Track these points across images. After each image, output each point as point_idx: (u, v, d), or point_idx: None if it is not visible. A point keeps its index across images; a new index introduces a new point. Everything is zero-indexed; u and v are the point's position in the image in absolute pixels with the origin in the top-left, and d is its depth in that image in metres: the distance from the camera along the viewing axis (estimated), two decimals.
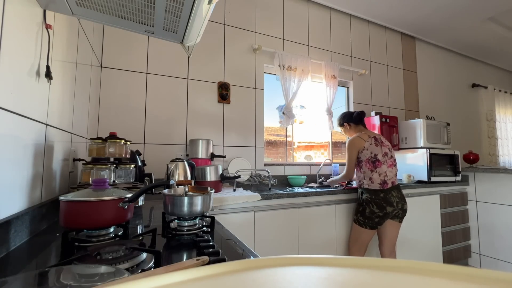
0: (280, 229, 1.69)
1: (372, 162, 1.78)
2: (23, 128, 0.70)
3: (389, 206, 1.72)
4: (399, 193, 1.78)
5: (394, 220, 1.79)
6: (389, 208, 1.72)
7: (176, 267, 0.41)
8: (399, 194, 1.77)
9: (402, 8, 2.82)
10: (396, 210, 1.75)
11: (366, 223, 1.74)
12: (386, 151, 1.82)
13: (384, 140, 1.89)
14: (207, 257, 0.49)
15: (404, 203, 1.78)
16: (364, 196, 1.79)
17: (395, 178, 1.81)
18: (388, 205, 1.72)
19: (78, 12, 0.84)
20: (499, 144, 4.03)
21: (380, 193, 1.73)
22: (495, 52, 3.93)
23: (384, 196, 1.73)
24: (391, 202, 1.73)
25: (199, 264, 0.47)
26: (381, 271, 0.18)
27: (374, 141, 1.82)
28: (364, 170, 1.80)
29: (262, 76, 2.38)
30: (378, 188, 1.74)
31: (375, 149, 1.80)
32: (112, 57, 1.83)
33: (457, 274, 0.16)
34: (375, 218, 1.72)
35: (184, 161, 1.52)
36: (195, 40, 1.01)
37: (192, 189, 0.86)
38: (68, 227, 0.65)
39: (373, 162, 1.78)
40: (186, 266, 0.42)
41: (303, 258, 0.20)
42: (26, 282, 0.41)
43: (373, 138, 1.84)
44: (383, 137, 1.92)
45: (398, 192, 1.78)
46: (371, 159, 1.79)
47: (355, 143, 1.85)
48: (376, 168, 1.77)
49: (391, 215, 1.75)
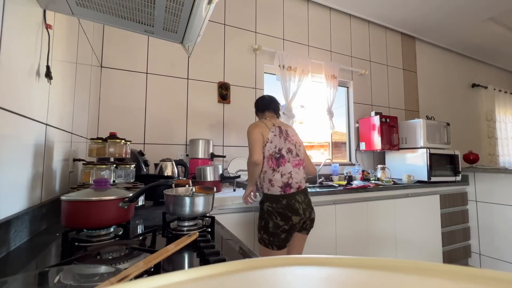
0: None
1: (275, 159, 1.39)
2: (23, 128, 0.70)
3: (295, 215, 1.33)
4: (306, 198, 1.42)
5: (302, 233, 1.43)
6: (295, 218, 1.33)
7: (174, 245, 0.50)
8: (306, 200, 1.41)
9: (402, 8, 2.82)
10: (304, 220, 1.38)
11: (272, 241, 1.33)
12: (290, 147, 1.45)
13: (293, 133, 1.52)
14: (197, 232, 0.59)
15: (311, 210, 1.42)
16: (264, 206, 1.39)
17: (303, 181, 1.44)
18: (293, 214, 1.33)
19: (78, 12, 0.84)
20: (499, 144, 4.03)
21: (282, 200, 1.34)
22: (495, 52, 3.93)
23: (287, 203, 1.34)
24: (297, 209, 1.34)
25: (192, 239, 0.55)
26: (381, 271, 0.18)
27: (278, 131, 1.44)
28: (265, 169, 1.40)
29: (262, 76, 2.38)
30: (278, 193, 1.36)
31: (279, 141, 1.42)
32: (112, 57, 1.83)
33: (457, 274, 0.16)
34: (281, 233, 1.32)
35: (172, 161, 1.62)
36: (195, 40, 1.01)
37: (199, 189, 0.86)
38: (70, 226, 0.65)
39: (277, 159, 1.39)
40: (180, 242, 0.51)
41: (303, 258, 0.20)
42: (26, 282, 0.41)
43: (278, 127, 1.46)
44: (292, 129, 1.56)
45: (305, 197, 1.42)
46: (274, 154, 1.40)
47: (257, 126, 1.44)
48: (279, 167, 1.39)
49: (299, 227, 1.38)
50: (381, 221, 2.06)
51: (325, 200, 1.88)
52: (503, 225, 2.48)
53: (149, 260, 0.43)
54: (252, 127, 1.46)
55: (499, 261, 2.49)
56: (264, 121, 1.50)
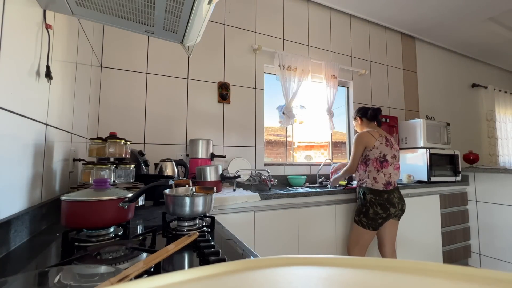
0: (280, 229, 1.69)
1: (380, 162, 1.75)
2: (23, 128, 0.70)
3: (392, 208, 1.71)
4: (399, 194, 1.79)
5: (393, 219, 1.79)
6: (392, 209, 1.71)
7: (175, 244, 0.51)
8: (399, 195, 1.78)
9: (402, 8, 2.82)
10: (397, 211, 1.75)
11: (370, 224, 1.71)
12: (395, 153, 1.81)
13: (395, 142, 1.87)
14: (197, 232, 0.59)
15: (403, 203, 1.78)
16: (367, 196, 1.75)
17: (396, 180, 1.82)
18: (391, 206, 1.71)
19: (78, 12, 0.84)
20: (499, 144, 4.03)
21: (384, 194, 1.71)
22: (495, 52, 3.93)
23: (388, 197, 1.71)
24: (394, 203, 1.72)
25: (192, 239, 0.56)
26: (381, 271, 0.18)
27: (385, 141, 1.79)
28: (370, 169, 1.77)
29: (262, 76, 2.38)
30: (382, 188, 1.72)
31: (385, 149, 1.77)
32: (112, 57, 1.83)
33: (457, 274, 0.16)
34: (378, 219, 1.71)
35: (172, 161, 1.62)
36: (195, 40, 1.01)
37: (199, 189, 0.86)
38: (70, 226, 0.65)
39: (381, 162, 1.75)
40: (180, 242, 0.53)
41: (303, 258, 0.20)
42: (26, 282, 0.41)
43: (384, 138, 1.81)
44: (393, 139, 1.89)
45: (399, 193, 1.79)
46: (379, 158, 1.75)
47: (363, 138, 1.80)
48: (383, 169, 1.75)
49: (392, 216, 1.75)
50: None
51: (325, 200, 1.88)
52: (503, 225, 2.48)
53: (149, 260, 0.43)
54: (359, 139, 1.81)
55: (499, 261, 2.49)
56: (371, 132, 1.82)
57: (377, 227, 1.73)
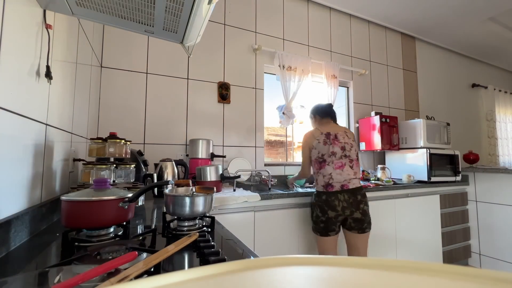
0: (280, 229, 1.69)
1: (319, 163, 1.62)
2: (23, 128, 0.70)
3: (331, 211, 1.53)
4: (351, 198, 1.54)
5: (352, 231, 1.57)
6: (331, 213, 1.53)
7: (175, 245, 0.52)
8: (350, 199, 1.54)
9: (402, 8, 2.82)
10: (342, 217, 1.54)
11: (316, 228, 1.61)
12: (334, 150, 1.60)
13: (343, 137, 1.64)
14: (197, 233, 0.60)
15: (354, 210, 1.53)
16: (312, 198, 1.69)
17: (350, 181, 1.57)
18: (329, 209, 1.53)
19: (78, 12, 0.84)
20: (499, 144, 4.03)
21: (322, 195, 1.58)
22: (495, 52, 3.93)
23: (326, 199, 1.55)
24: (334, 206, 1.53)
25: (192, 240, 0.57)
26: (381, 271, 0.18)
27: (323, 139, 1.62)
28: (314, 171, 1.68)
29: (262, 76, 2.38)
30: (321, 190, 1.59)
31: (323, 148, 1.61)
32: (112, 57, 1.83)
33: (457, 274, 0.16)
34: (320, 223, 1.57)
35: (172, 161, 1.62)
36: (195, 40, 1.01)
37: (199, 189, 0.86)
38: (69, 226, 0.65)
39: (320, 163, 1.62)
40: (180, 242, 0.53)
41: (303, 258, 0.20)
42: (26, 282, 0.41)
43: (325, 134, 1.63)
44: (345, 133, 1.67)
45: (350, 197, 1.54)
46: (318, 159, 1.63)
47: (306, 138, 1.71)
48: (321, 169, 1.61)
49: (336, 222, 1.55)
50: (381, 221, 2.06)
51: None
52: (503, 225, 2.48)
53: (149, 260, 0.43)
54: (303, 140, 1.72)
55: (499, 261, 2.49)
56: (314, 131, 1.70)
57: (323, 232, 1.56)
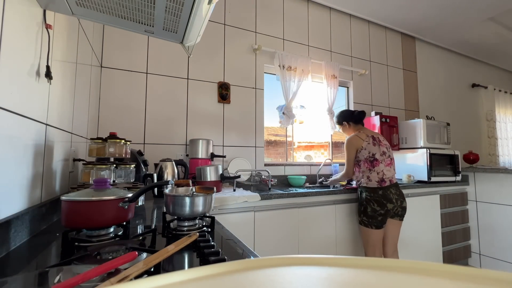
0: (280, 229, 1.69)
1: (370, 162, 1.80)
2: (23, 128, 0.70)
3: (389, 203, 1.73)
4: (398, 191, 1.80)
5: (395, 218, 1.80)
6: (389, 205, 1.73)
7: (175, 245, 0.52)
8: (397, 192, 1.79)
9: (402, 8, 2.82)
10: (396, 207, 1.77)
11: (371, 222, 1.75)
12: (384, 150, 1.84)
13: (383, 139, 1.91)
14: (197, 233, 0.60)
15: (403, 200, 1.80)
16: (364, 195, 1.80)
17: (394, 176, 1.83)
18: (388, 202, 1.73)
19: (78, 12, 0.84)
20: (499, 144, 4.03)
21: (379, 191, 1.75)
22: (495, 52, 3.93)
23: (383, 193, 1.74)
24: (390, 198, 1.74)
25: (192, 240, 0.57)
26: (381, 271, 0.18)
27: (372, 141, 1.84)
28: (363, 169, 1.82)
29: (262, 76, 2.38)
30: (376, 186, 1.76)
31: (373, 148, 1.81)
32: (112, 57, 1.83)
33: (457, 274, 0.16)
34: (377, 216, 1.73)
35: (172, 161, 1.62)
36: (195, 40, 1.01)
37: (199, 189, 0.86)
38: (70, 226, 0.65)
39: (371, 162, 1.80)
40: (180, 242, 0.53)
41: (303, 258, 0.20)
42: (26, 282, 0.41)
43: (371, 137, 1.86)
44: (381, 136, 1.94)
45: (397, 190, 1.80)
46: (369, 158, 1.80)
47: (353, 142, 1.86)
48: (374, 167, 1.79)
49: (392, 213, 1.77)
50: None
51: (325, 200, 1.88)
52: (503, 225, 2.48)
53: (149, 260, 0.43)
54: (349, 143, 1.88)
55: (499, 261, 2.49)
56: (359, 134, 1.87)
57: (380, 225, 1.74)
